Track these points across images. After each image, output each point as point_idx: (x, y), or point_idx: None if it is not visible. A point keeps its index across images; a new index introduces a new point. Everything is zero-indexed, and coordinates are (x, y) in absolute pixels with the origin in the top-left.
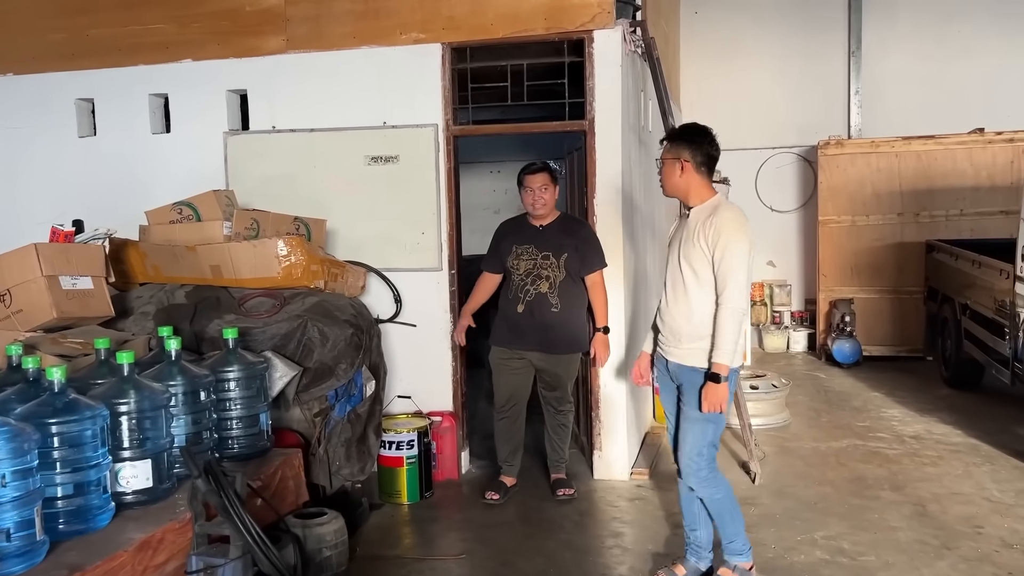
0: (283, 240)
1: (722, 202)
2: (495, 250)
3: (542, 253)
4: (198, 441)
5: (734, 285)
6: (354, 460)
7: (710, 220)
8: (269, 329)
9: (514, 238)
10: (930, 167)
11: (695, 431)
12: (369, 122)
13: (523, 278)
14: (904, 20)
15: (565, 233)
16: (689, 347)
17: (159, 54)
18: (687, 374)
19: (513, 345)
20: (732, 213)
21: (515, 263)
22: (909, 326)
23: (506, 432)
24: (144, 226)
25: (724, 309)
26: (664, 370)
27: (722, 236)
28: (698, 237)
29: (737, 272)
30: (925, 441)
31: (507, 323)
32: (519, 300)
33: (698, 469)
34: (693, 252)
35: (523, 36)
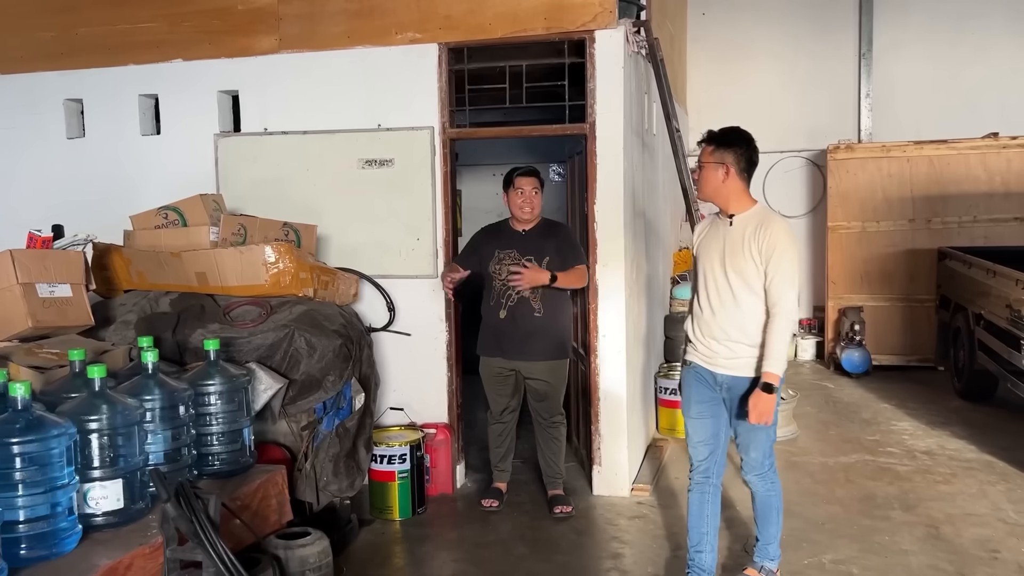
0: (271, 246)
1: (769, 212)
2: (473, 251)
3: (524, 257)
4: (176, 458)
5: (788, 296)
6: (342, 476)
7: (763, 232)
8: (254, 339)
9: (496, 243)
10: (943, 172)
11: (759, 438)
12: (363, 124)
13: (504, 283)
14: (916, 22)
15: (545, 236)
16: (743, 358)
17: (149, 53)
18: (740, 384)
19: (499, 354)
20: (784, 225)
21: (497, 268)
22: (920, 335)
23: (499, 437)
24: (129, 231)
25: (778, 319)
26: (706, 381)
27: (777, 249)
28: (749, 249)
29: (791, 284)
30: (937, 457)
31: (491, 331)
32: (501, 306)
33: (762, 468)
34: (744, 264)
35: (522, 36)
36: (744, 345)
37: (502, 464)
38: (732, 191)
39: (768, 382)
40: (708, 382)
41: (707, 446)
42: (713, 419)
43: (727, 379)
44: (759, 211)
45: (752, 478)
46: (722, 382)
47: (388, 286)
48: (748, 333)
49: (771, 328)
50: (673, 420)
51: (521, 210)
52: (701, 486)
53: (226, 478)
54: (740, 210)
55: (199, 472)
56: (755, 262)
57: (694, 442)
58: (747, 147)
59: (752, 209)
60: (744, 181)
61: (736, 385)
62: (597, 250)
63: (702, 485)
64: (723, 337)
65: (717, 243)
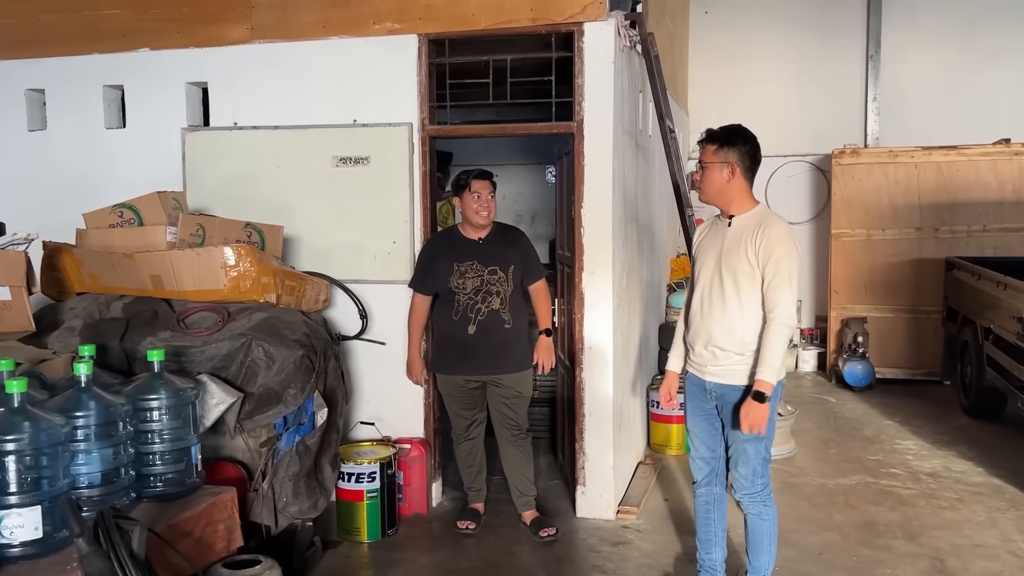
0: (231, 248)
1: (769, 213)
2: (427, 269)
3: (488, 268)
4: (113, 480)
5: (786, 301)
6: (303, 496)
7: (761, 233)
8: (208, 349)
9: (452, 256)
10: (951, 179)
11: (747, 452)
12: (338, 120)
13: (471, 297)
14: (926, 24)
15: (506, 244)
16: (730, 364)
17: (115, 42)
18: (731, 393)
19: (464, 372)
20: (784, 227)
21: (460, 283)
22: (926, 348)
23: (469, 455)
24: (81, 230)
25: (775, 325)
26: (698, 391)
27: (775, 251)
28: (745, 250)
29: (789, 289)
30: (943, 480)
31: (456, 347)
32: (469, 321)
33: (753, 488)
34: (739, 265)
35: (507, 28)
36: (731, 352)
37: (476, 483)
38: (736, 192)
39: (760, 391)
40: (700, 391)
41: (706, 463)
42: (710, 432)
43: (715, 387)
44: (760, 212)
45: (742, 499)
46: (711, 390)
47: (362, 291)
48: (737, 339)
49: (767, 334)
50: (666, 435)
51: (477, 215)
52: (705, 495)
53: (170, 501)
54: (741, 211)
55: (139, 495)
56: (751, 264)
57: (693, 457)
58: (751, 145)
59: (753, 210)
60: (748, 181)
61: (726, 394)
62: (584, 257)
63: (706, 494)
64: (709, 342)
65: (715, 245)
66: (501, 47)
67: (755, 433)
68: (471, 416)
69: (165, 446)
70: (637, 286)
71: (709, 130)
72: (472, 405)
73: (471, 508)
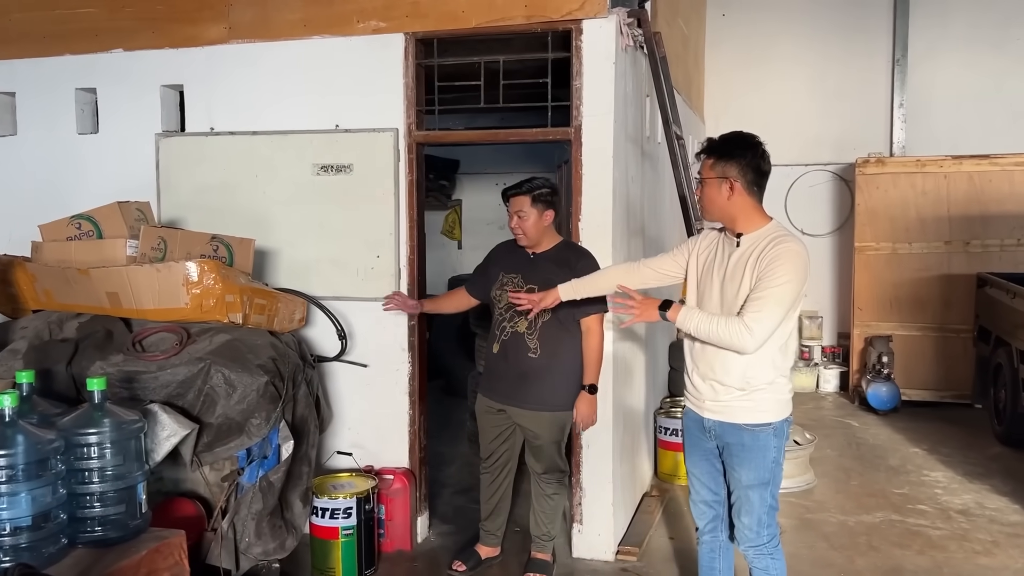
0: (194, 263)
1: (783, 232)
2: (483, 272)
3: (528, 286)
4: (43, 524)
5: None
6: (267, 536)
7: (769, 252)
8: (163, 375)
9: (503, 265)
10: (983, 190)
11: (751, 499)
12: (319, 125)
13: (503, 313)
14: (956, 26)
15: (559, 264)
16: (731, 401)
17: (87, 43)
18: (733, 433)
19: (490, 394)
20: (796, 247)
21: (498, 294)
22: (955, 369)
23: (487, 488)
24: (37, 242)
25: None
26: (696, 428)
27: (778, 263)
28: (752, 272)
29: (775, 303)
30: (976, 519)
31: (488, 365)
32: (495, 338)
33: (758, 540)
34: (743, 290)
35: (500, 26)
36: (732, 388)
37: (488, 524)
38: (740, 209)
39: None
40: (699, 429)
41: (709, 508)
42: (711, 474)
43: (714, 425)
44: (773, 230)
45: (746, 551)
46: (710, 428)
47: (343, 309)
48: (738, 374)
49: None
50: (675, 464)
51: (516, 232)
52: (710, 543)
53: (110, 546)
54: (751, 229)
55: (72, 540)
56: (751, 285)
57: (695, 501)
58: (753, 155)
59: (765, 227)
60: (754, 196)
61: (724, 433)
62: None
63: (710, 542)
64: (708, 375)
65: (720, 264)
66: (495, 47)
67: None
68: (494, 447)
69: (105, 485)
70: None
71: (708, 140)
72: (498, 435)
73: (474, 550)
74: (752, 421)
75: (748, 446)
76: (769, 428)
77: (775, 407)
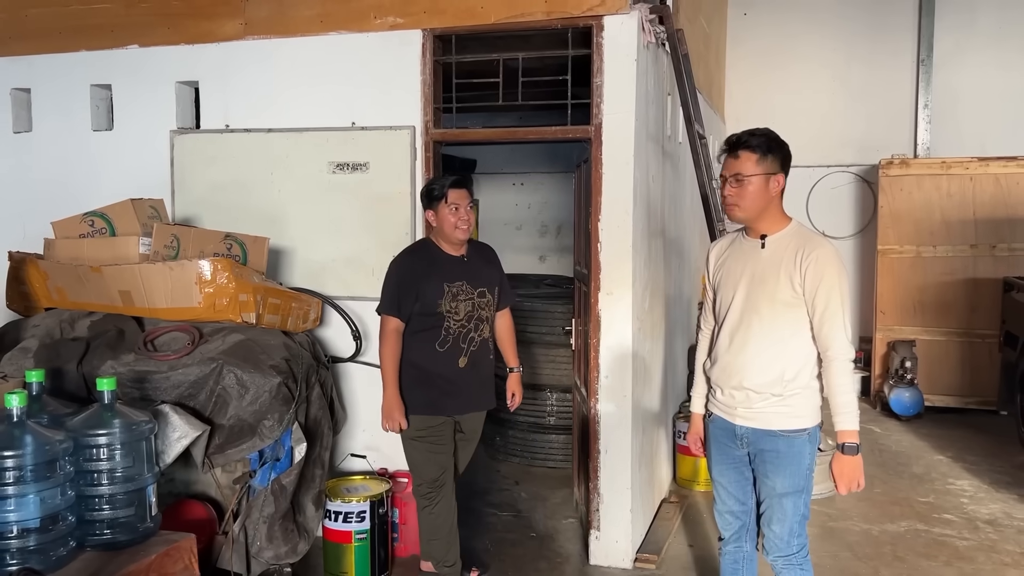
0: (207, 261)
1: (810, 232)
2: (407, 290)
3: (477, 290)
4: (51, 526)
5: (843, 336)
6: (279, 540)
7: (806, 256)
8: (175, 375)
9: (441, 275)
10: (1011, 192)
11: (784, 508)
12: (335, 122)
13: (464, 324)
14: (983, 24)
15: (488, 263)
16: (766, 407)
17: (103, 39)
18: (767, 440)
19: (450, 411)
20: (831, 249)
21: (452, 306)
22: (981, 375)
23: (442, 519)
24: (50, 240)
25: (835, 364)
26: (726, 436)
27: (824, 278)
28: (789, 276)
29: (844, 320)
30: (1004, 529)
31: (441, 383)
32: (461, 352)
33: (789, 549)
34: (779, 294)
35: (519, 22)
36: (768, 394)
37: (452, 554)
38: (777, 207)
39: (847, 442)
40: (729, 436)
41: (736, 518)
42: (739, 483)
43: (748, 432)
44: (798, 230)
45: (775, 561)
46: (742, 436)
47: (359, 309)
48: (774, 378)
49: (831, 376)
50: (694, 470)
51: (456, 231)
52: (733, 554)
53: (119, 549)
54: (776, 229)
55: (81, 543)
56: (795, 292)
57: (720, 511)
58: (788, 149)
59: (788, 228)
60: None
61: (758, 440)
62: (600, 275)
63: (734, 552)
64: (741, 382)
65: (745, 269)
66: (514, 44)
67: (854, 487)
68: (445, 462)
69: (114, 488)
70: (662, 306)
71: (738, 136)
72: (446, 449)
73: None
74: (788, 427)
75: (783, 453)
76: (804, 434)
77: (810, 412)
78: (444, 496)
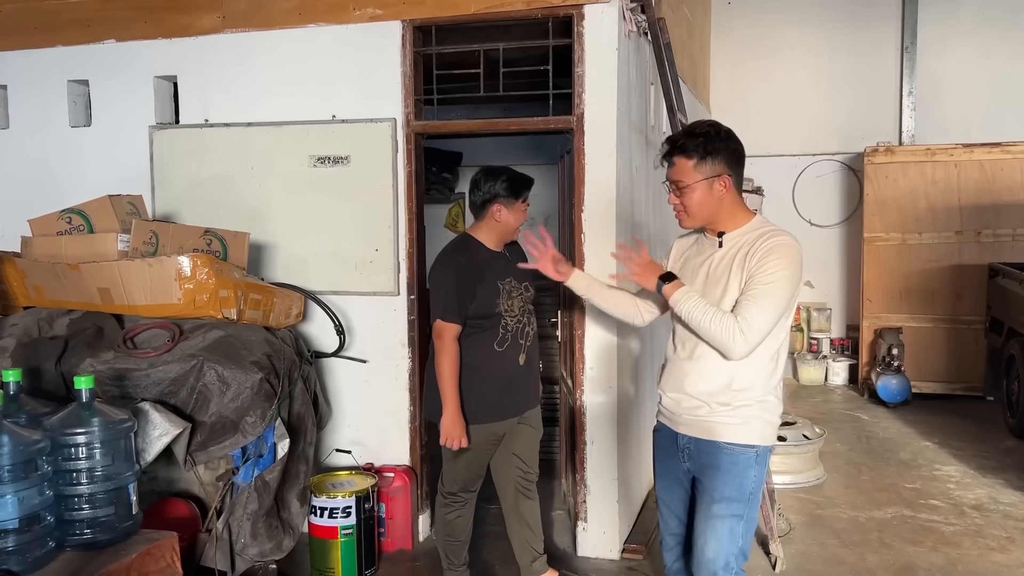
0: (186, 257)
1: (772, 227)
2: (467, 293)
3: (522, 284)
4: (29, 527)
5: (759, 311)
6: (263, 537)
7: (759, 247)
8: (155, 372)
9: (493, 273)
10: (995, 179)
11: (718, 531)
12: (316, 115)
13: (520, 320)
14: (967, 12)
15: (520, 255)
16: (710, 416)
17: (79, 34)
18: (709, 453)
19: (511, 414)
20: (788, 241)
21: (508, 304)
22: (967, 361)
23: (463, 521)
24: (27, 237)
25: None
26: (670, 446)
27: (771, 257)
28: (739, 272)
29: (771, 301)
30: (990, 514)
31: (501, 385)
32: (520, 348)
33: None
34: (728, 294)
35: (499, 12)
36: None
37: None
38: (729, 206)
39: (667, 290)
40: (673, 447)
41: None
42: (683, 500)
43: (689, 443)
44: (758, 225)
45: None
46: (684, 447)
47: (342, 304)
48: (721, 385)
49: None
50: None
51: (518, 231)
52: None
53: (100, 549)
54: (734, 226)
55: (60, 543)
56: (739, 285)
57: (662, 533)
58: (734, 142)
59: (749, 223)
60: (739, 188)
61: (700, 453)
62: (584, 266)
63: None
64: (685, 388)
65: (701, 268)
66: (495, 35)
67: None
68: (483, 471)
69: (94, 487)
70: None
71: (672, 139)
72: (488, 458)
73: None
74: (733, 440)
75: (724, 469)
76: (751, 452)
77: (762, 429)
78: (470, 502)
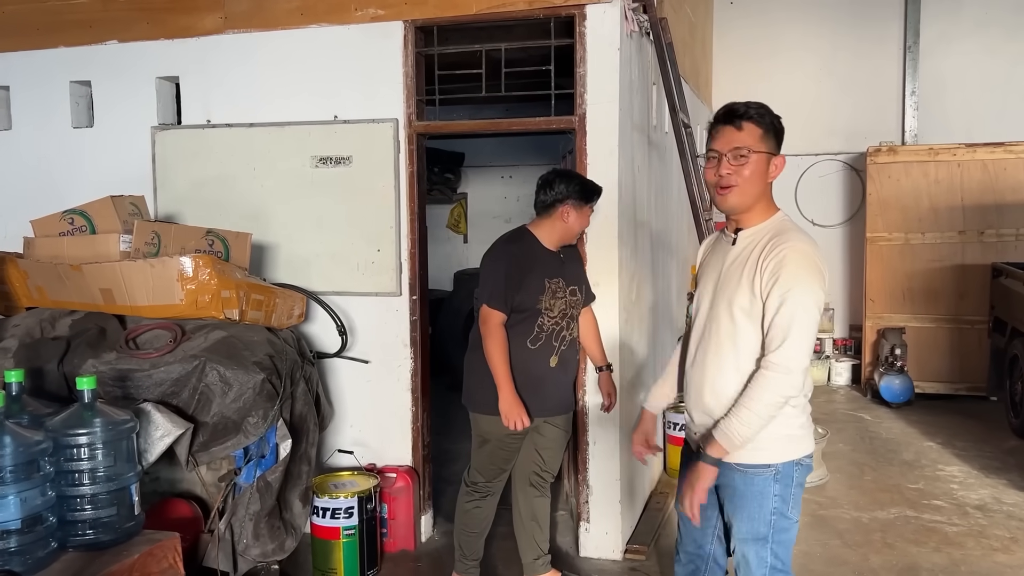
0: (188, 258)
1: (787, 226)
2: (517, 283)
3: (570, 287)
4: (32, 527)
5: (793, 342)
6: (266, 537)
7: (773, 249)
8: (157, 373)
9: (543, 270)
10: (998, 178)
11: (748, 557)
12: (317, 116)
13: (558, 322)
14: (970, 11)
15: (576, 260)
16: None
17: (82, 34)
18: (724, 474)
19: (537, 414)
20: (806, 243)
21: (550, 303)
22: (970, 361)
23: (484, 514)
24: (30, 238)
25: (769, 371)
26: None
27: (784, 273)
28: (750, 274)
29: (801, 326)
30: (993, 515)
31: (530, 384)
32: (553, 351)
33: None
34: (737, 297)
35: (501, 12)
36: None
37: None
38: (768, 193)
39: (710, 454)
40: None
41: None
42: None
43: None
44: (778, 222)
45: None
46: None
47: (344, 304)
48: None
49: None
50: None
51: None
52: None
53: (102, 550)
54: (756, 221)
55: (62, 544)
56: (754, 297)
57: (677, 545)
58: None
59: (769, 221)
60: None
61: (724, 473)
62: (586, 266)
63: None
64: (699, 400)
65: (715, 269)
66: (497, 35)
67: (688, 504)
68: (508, 466)
69: (96, 487)
70: (649, 297)
71: (736, 105)
72: (515, 453)
73: None
74: (744, 461)
75: (741, 492)
76: (768, 472)
77: (777, 444)
78: (493, 494)
